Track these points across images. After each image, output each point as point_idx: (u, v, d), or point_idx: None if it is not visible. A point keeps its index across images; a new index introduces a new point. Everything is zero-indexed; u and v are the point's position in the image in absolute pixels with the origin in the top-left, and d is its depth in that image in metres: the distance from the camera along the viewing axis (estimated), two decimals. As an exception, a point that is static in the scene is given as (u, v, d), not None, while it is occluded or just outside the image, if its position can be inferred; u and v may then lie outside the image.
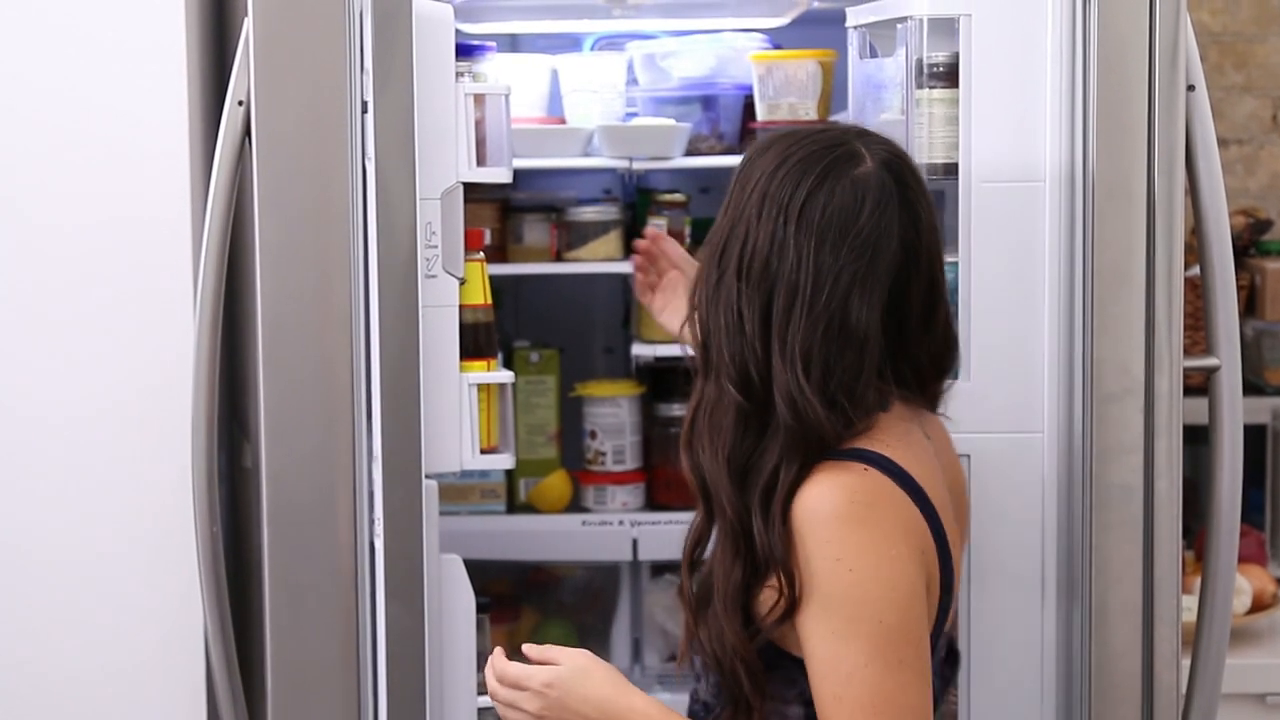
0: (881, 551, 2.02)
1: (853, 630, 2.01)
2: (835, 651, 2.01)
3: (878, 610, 2.01)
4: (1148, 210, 2.39)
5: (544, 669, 2.15)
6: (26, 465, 2.55)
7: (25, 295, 2.55)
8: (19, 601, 2.57)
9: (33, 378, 2.55)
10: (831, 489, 2.04)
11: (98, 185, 2.55)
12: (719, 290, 2.10)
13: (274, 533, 2.33)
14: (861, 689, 2.00)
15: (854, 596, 2.01)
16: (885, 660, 2.00)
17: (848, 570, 2.01)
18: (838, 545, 2.01)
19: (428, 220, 2.38)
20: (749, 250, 2.07)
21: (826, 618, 2.02)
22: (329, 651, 2.33)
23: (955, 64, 2.48)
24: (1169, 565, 2.42)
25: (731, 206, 2.12)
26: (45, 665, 2.57)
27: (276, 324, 2.32)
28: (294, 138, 2.32)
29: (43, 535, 2.56)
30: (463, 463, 2.44)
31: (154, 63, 2.53)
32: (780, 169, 2.09)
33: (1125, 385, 2.40)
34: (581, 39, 3.38)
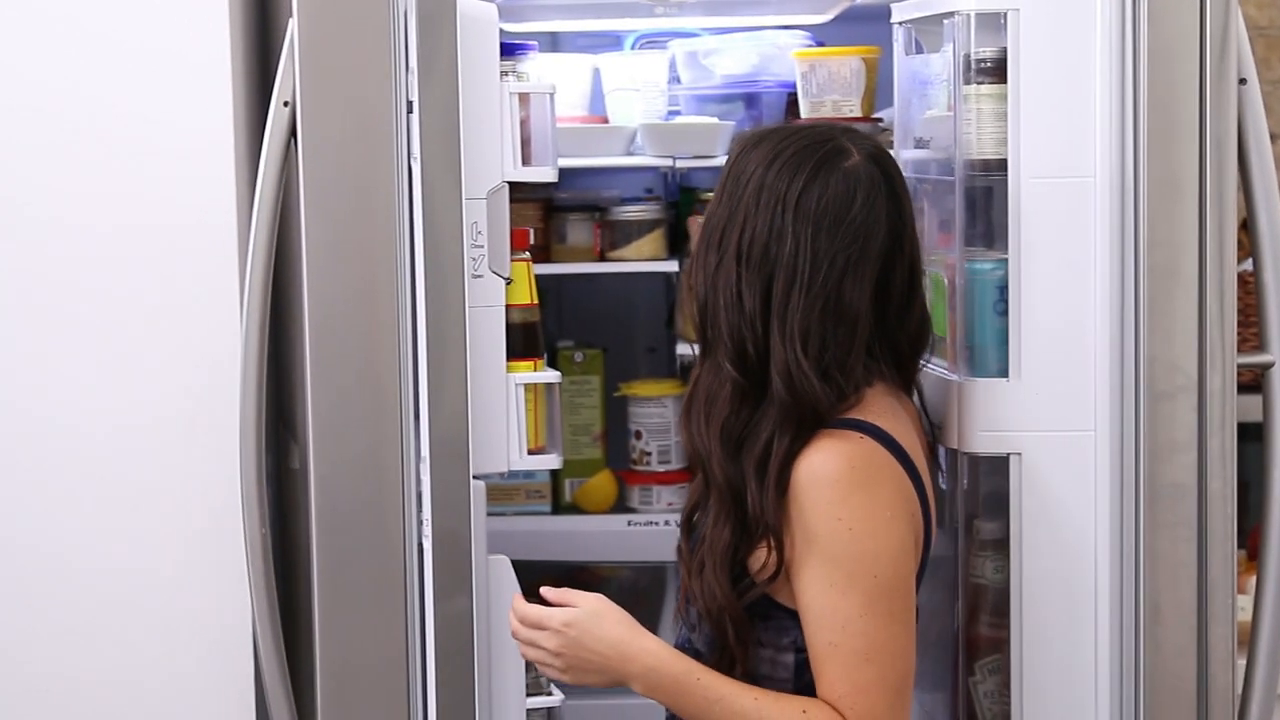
0: (878, 513, 2.21)
1: (850, 584, 2.19)
2: (832, 603, 2.19)
3: (874, 566, 2.19)
4: (1199, 205, 2.38)
5: (562, 610, 2.26)
6: (75, 472, 2.56)
7: (72, 302, 2.55)
8: (66, 610, 2.57)
9: (81, 384, 2.55)
10: (833, 455, 2.21)
11: (143, 190, 2.55)
12: (718, 273, 2.27)
13: (322, 534, 2.33)
14: (856, 637, 2.18)
15: (853, 553, 2.19)
16: (877, 611, 2.19)
17: (848, 529, 2.19)
18: (839, 506, 2.20)
19: (473, 220, 2.37)
20: (748, 237, 2.25)
21: (826, 572, 2.19)
22: (378, 653, 2.33)
23: (1003, 59, 2.46)
24: (1223, 564, 2.40)
25: (727, 196, 2.29)
26: (96, 668, 2.58)
27: (324, 325, 2.32)
28: (340, 138, 2.32)
29: (89, 542, 2.57)
30: (510, 463, 2.43)
31: (198, 65, 2.53)
32: (775, 162, 2.27)
33: (1178, 383, 2.38)
34: (623, 37, 3.37)
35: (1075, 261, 2.44)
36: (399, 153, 2.32)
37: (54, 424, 2.55)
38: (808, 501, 2.20)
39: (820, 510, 2.20)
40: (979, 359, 2.51)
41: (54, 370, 2.54)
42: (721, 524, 2.26)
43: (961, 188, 2.53)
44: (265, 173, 2.36)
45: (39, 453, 2.55)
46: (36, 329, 2.54)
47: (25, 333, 2.54)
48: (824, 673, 2.21)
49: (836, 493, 2.20)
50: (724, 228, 2.27)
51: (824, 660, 2.20)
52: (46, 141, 2.53)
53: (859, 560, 2.19)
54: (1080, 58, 2.42)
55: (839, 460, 2.21)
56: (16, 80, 2.53)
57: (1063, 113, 2.43)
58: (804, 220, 2.24)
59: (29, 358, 2.54)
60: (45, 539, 2.55)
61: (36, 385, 2.54)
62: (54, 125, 2.53)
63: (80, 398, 2.55)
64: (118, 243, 2.55)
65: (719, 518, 2.27)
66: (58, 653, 2.56)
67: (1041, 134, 2.43)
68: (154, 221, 2.55)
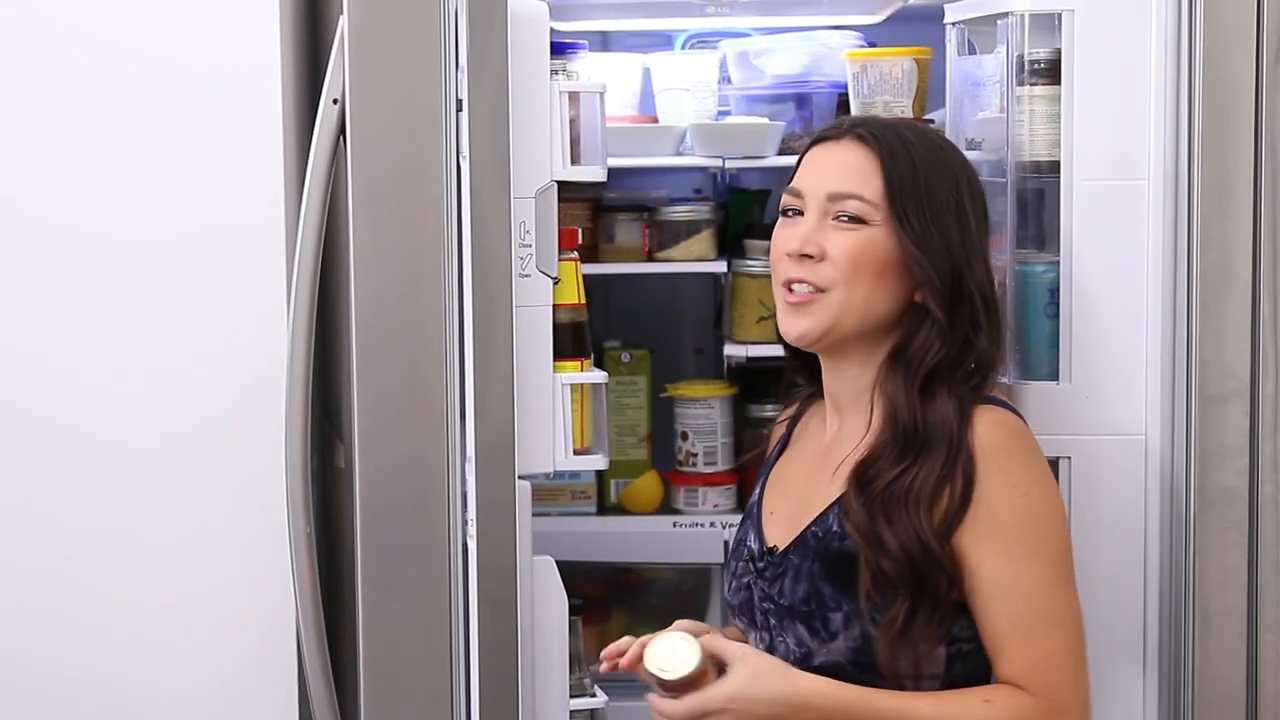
0: (1045, 479, 2.26)
1: (1030, 551, 2.22)
2: (1014, 572, 2.21)
3: (1049, 533, 2.23)
4: (1253, 207, 2.36)
5: (720, 687, 2.21)
6: (122, 475, 2.55)
7: (122, 306, 2.54)
8: (114, 612, 2.57)
9: (129, 387, 2.54)
10: (997, 424, 2.25)
11: (191, 190, 2.54)
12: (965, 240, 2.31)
13: (367, 533, 2.33)
14: (1041, 605, 2.21)
15: (1029, 520, 2.22)
16: (1056, 577, 2.23)
17: (1023, 495, 2.22)
18: (1013, 473, 2.23)
19: (521, 219, 2.37)
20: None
21: (1004, 542, 2.21)
22: (421, 652, 2.33)
23: (1056, 60, 2.45)
24: (1274, 570, 2.39)
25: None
26: (141, 668, 2.57)
27: (370, 324, 2.32)
28: (389, 136, 2.32)
29: (136, 544, 2.56)
30: (555, 463, 2.43)
31: (248, 63, 2.52)
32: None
33: (1230, 387, 2.37)
34: (673, 37, 3.37)
35: (1127, 264, 2.43)
36: (448, 151, 2.32)
37: (101, 427, 2.55)
38: (982, 471, 2.22)
39: (993, 479, 2.22)
40: (1030, 362, 2.50)
41: (102, 374, 2.54)
42: (928, 473, 2.23)
43: (1013, 189, 2.52)
44: (314, 170, 2.37)
45: (88, 457, 2.55)
46: (87, 334, 2.54)
47: (76, 338, 2.54)
48: (1008, 647, 2.21)
49: (1007, 460, 2.23)
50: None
51: (1008, 634, 2.21)
52: (99, 144, 2.53)
53: (1036, 527, 2.22)
54: (1134, 59, 2.42)
55: (1003, 429, 2.25)
56: (65, 81, 2.54)
57: (1116, 114, 2.42)
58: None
59: (79, 363, 2.54)
60: (93, 543, 2.55)
61: (85, 389, 2.54)
62: (105, 128, 2.53)
63: (128, 400, 2.55)
64: (167, 245, 2.54)
65: (925, 468, 2.24)
66: (104, 655, 2.56)
67: (1094, 136, 2.43)
68: (203, 221, 2.54)
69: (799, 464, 2.44)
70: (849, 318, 2.30)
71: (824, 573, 2.28)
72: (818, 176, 2.34)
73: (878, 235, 2.29)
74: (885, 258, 2.28)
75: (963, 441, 2.23)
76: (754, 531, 2.42)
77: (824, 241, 2.30)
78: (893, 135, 2.32)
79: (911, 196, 2.28)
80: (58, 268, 2.53)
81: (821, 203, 2.31)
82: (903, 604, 2.22)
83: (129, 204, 2.53)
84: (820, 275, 2.30)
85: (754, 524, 2.43)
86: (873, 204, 2.29)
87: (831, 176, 2.32)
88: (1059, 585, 2.23)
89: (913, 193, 2.28)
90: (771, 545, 2.37)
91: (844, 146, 2.33)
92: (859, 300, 2.29)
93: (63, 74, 2.51)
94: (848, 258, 2.28)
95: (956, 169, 2.32)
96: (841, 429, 2.37)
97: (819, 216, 2.32)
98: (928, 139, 2.35)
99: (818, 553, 2.30)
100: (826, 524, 2.30)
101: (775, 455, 2.50)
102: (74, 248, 2.53)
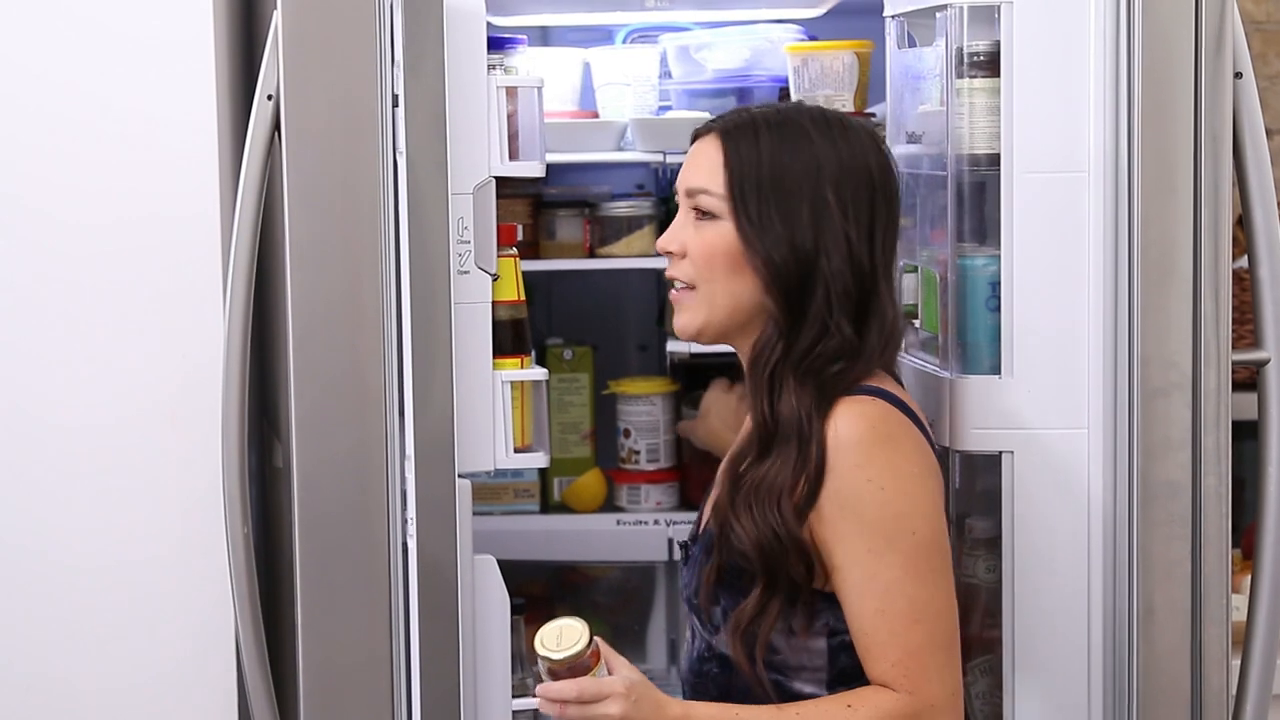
0: (905, 470, 2.24)
1: (888, 545, 2.21)
2: (873, 568, 2.21)
3: (909, 524, 2.22)
4: (1193, 201, 2.38)
5: (621, 677, 2.23)
6: (54, 469, 2.55)
7: (50, 296, 2.54)
8: (47, 607, 2.56)
9: (59, 380, 2.54)
10: (856, 415, 2.25)
11: (124, 182, 2.54)
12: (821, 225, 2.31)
13: (305, 533, 2.33)
14: (902, 600, 2.21)
15: (888, 513, 2.22)
16: (919, 570, 2.22)
17: (879, 489, 2.22)
18: (868, 468, 2.22)
19: (460, 215, 2.37)
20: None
21: (863, 537, 2.22)
22: (361, 653, 2.33)
23: (996, 53, 2.46)
24: (1217, 564, 2.40)
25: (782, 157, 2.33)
26: (74, 671, 2.57)
27: (307, 321, 2.32)
28: (324, 132, 2.32)
29: (70, 539, 2.56)
30: (496, 461, 2.43)
31: (181, 56, 2.52)
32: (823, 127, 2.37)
33: (1172, 380, 2.39)
34: (614, 31, 3.37)
35: (1068, 257, 2.44)
36: (384, 147, 2.32)
37: (28, 419, 2.54)
38: (839, 466, 2.23)
39: (850, 474, 2.22)
40: (971, 356, 2.51)
41: (29, 365, 2.53)
42: (782, 465, 2.25)
43: (954, 183, 2.53)
44: (248, 167, 2.36)
45: (14, 450, 2.54)
46: (10, 321, 2.53)
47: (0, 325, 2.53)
48: (871, 644, 2.22)
49: (862, 454, 2.23)
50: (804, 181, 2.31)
51: (871, 630, 2.22)
52: (23, 131, 2.52)
53: (895, 520, 2.22)
54: (1074, 51, 2.43)
55: (860, 422, 2.24)
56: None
57: (1056, 107, 2.43)
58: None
59: (3, 351, 2.53)
60: (20, 536, 2.55)
61: (10, 379, 2.53)
62: (31, 114, 2.53)
63: (57, 395, 2.54)
64: (97, 237, 2.54)
65: (780, 460, 2.26)
66: (37, 652, 2.55)
67: (1034, 128, 2.44)
68: (134, 215, 2.54)
69: (726, 454, 2.46)
70: (717, 313, 2.34)
71: (707, 565, 2.33)
72: (683, 172, 2.40)
73: (725, 229, 2.32)
74: (734, 251, 2.31)
75: (814, 433, 2.24)
76: (696, 524, 2.47)
77: (684, 238, 2.36)
78: (748, 126, 2.34)
79: (754, 187, 2.30)
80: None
81: (684, 198, 2.38)
82: (756, 595, 2.25)
83: (59, 185, 2.53)
84: (684, 272, 2.37)
85: (699, 515, 2.47)
86: (719, 196, 2.32)
87: (689, 172, 2.38)
88: (921, 579, 2.22)
89: (755, 183, 2.30)
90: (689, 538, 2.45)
91: (706, 141, 2.37)
92: (721, 294, 2.33)
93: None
94: (700, 254, 2.34)
95: (820, 151, 2.31)
96: (744, 419, 2.41)
97: (684, 212, 2.38)
98: (792, 126, 2.33)
99: (704, 547, 2.35)
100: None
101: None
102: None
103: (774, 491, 2.24)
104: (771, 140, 2.31)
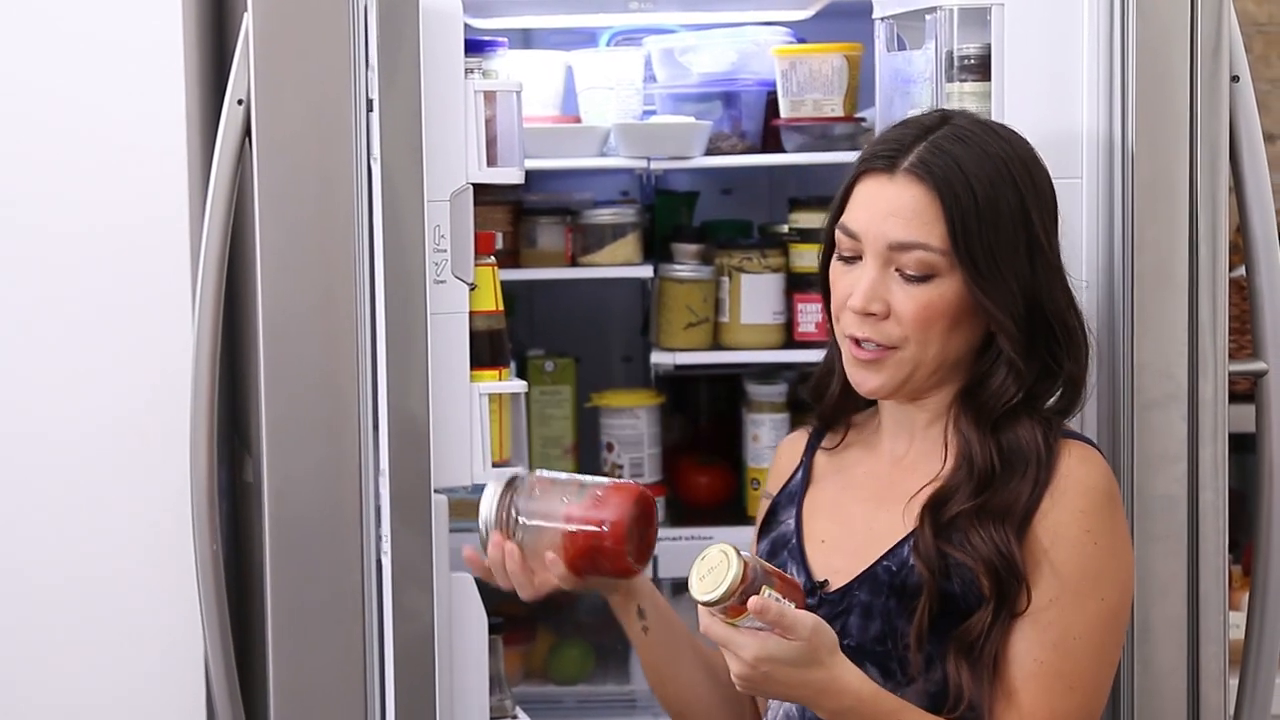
0: (1119, 534, 2.19)
1: (1075, 601, 2.14)
2: (1050, 618, 2.13)
3: (1103, 588, 2.15)
4: (1190, 208, 2.38)
5: (754, 641, 2.04)
6: (18, 481, 2.55)
7: (15, 303, 2.54)
8: (13, 622, 2.56)
9: (23, 389, 2.54)
10: (1093, 462, 2.20)
11: (92, 188, 2.54)
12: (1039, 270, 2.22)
13: (276, 550, 2.32)
14: (1067, 662, 2.13)
15: (1088, 568, 2.15)
16: (1094, 639, 2.14)
17: (1092, 542, 2.15)
18: (1091, 516, 2.16)
19: (436, 223, 2.37)
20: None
21: (1053, 582, 2.14)
22: (334, 674, 2.32)
23: (987, 56, 2.46)
24: (1214, 580, 2.40)
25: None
26: (40, 690, 2.56)
27: (279, 332, 2.31)
28: (296, 138, 2.31)
29: (35, 555, 2.56)
30: (474, 476, 2.42)
31: (150, 60, 2.52)
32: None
33: (1168, 391, 2.38)
34: (597, 34, 3.37)
35: (1062, 266, 2.43)
36: (358, 153, 2.32)
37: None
38: (1061, 502, 2.15)
39: (1069, 515, 2.15)
40: (965, 366, 2.50)
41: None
42: (1018, 486, 2.16)
43: (945, 189, 2.52)
44: (218, 174, 2.36)
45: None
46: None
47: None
48: (1020, 690, 2.13)
49: (1089, 501, 2.16)
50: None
51: (1024, 678, 2.13)
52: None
53: (1093, 579, 2.14)
54: (1066, 54, 2.43)
55: (1097, 470, 2.19)
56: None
57: (1048, 112, 2.43)
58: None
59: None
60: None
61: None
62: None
63: (22, 405, 2.54)
64: (63, 243, 2.54)
65: (1016, 482, 2.17)
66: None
67: (1027, 133, 2.41)
68: (102, 222, 2.54)
69: (850, 492, 2.34)
70: (923, 370, 2.22)
71: (901, 610, 2.20)
72: (874, 220, 2.20)
73: (947, 288, 2.18)
74: (957, 308, 2.19)
75: (1049, 463, 2.17)
76: (798, 564, 2.30)
77: (889, 297, 2.19)
78: (949, 163, 2.17)
79: (977, 236, 2.16)
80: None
81: (882, 251, 2.19)
82: (981, 617, 2.14)
83: (23, 190, 2.53)
84: (888, 334, 2.20)
85: (796, 556, 2.31)
86: (939, 251, 2.17)
87: (891, 223, 2.18)
88: (1093, 649, 2.14)
89: (978, 231, 2.16)
90: (822, 579, 2.27)
91: (899, 185, 2.19)
92: (933, 354, 2.21)
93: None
94: (917, 318, 2.18)
95: (1018, 178, 2.20)
96: (907, 457, 2.30)
97: (880, 266, 2.19)
98: (980, 151, 2.20)
99: (892, 588, 2.21)
100: (901, 558, 2.21)
101: (799, 486, 2.39)
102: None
103: (1002, 516, 2.16)
104: (978, 175, 2.18)
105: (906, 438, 2.30)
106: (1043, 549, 2.14)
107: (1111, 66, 2.39)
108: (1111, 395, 2.42)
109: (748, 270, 3.20)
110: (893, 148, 2.21)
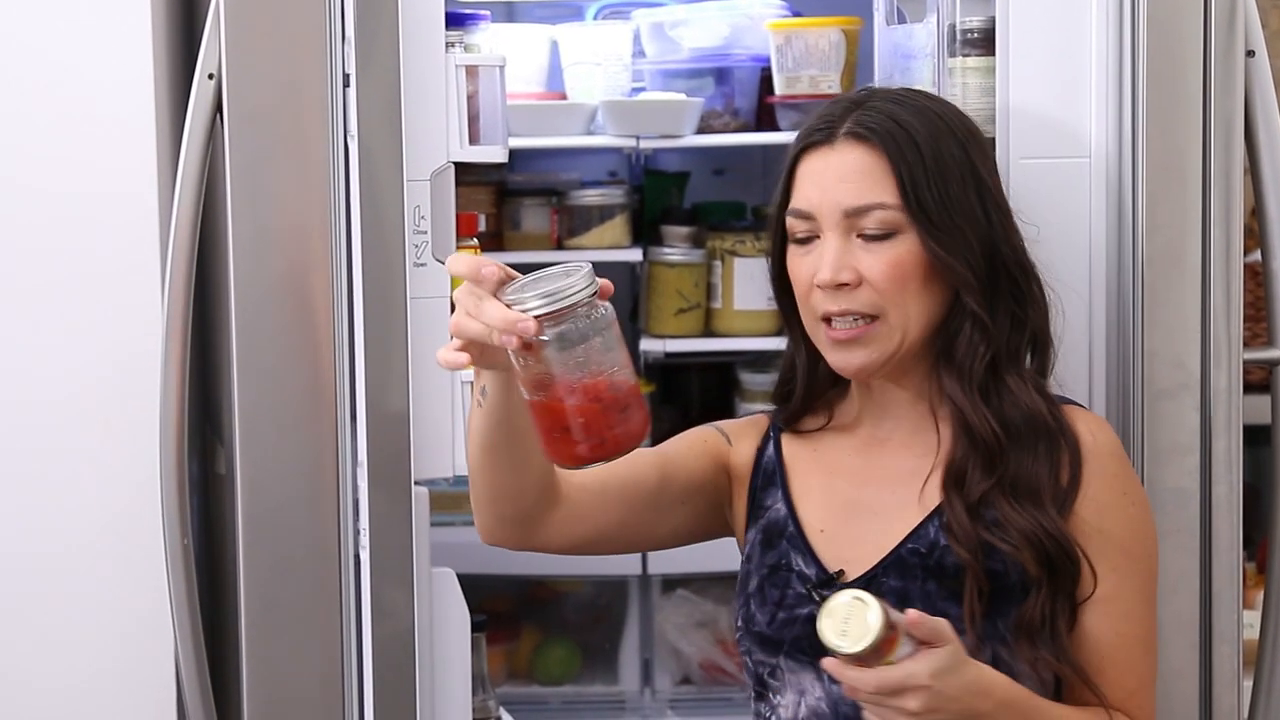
0: (1139, 484, 2.27)
1: (1131, 566, 2.20)
2: (1116, 587, 2.18)
3: (1147, 547, 2.22)
4: (1203, 189, 2.38)
5: (926, 659, 2.00)
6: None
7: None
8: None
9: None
10: (1102, 427, 2.25)
11: (54, 165, 2.53)
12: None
13: (250, 545, 2.32)
14: (1140, 627, 2.20)
15: (1135, 533, 2.21)
16: (1149, 598, 2.22)
17: (1131, 505, 2.21)
18: (1123, 480, 2.22)
19: (416, 203, 2.36)
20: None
21: (1109, 554, 2.18)
22: (310, 673, 2.32)
23: (991, 29, 2.46)
24: (1228, 577, 2.40)
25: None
26: (2, 688, 2.56)
27: (252, 317, 2.31)
28: (269, 114, 2.31)
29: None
30: (455, 468, 2.42)
31: (117, 31, 2.51)
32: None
33: (1180, 380, 2.38)
34: (584, 7, 3.37)
35: (1069, 249, 2.43)
36: (334, 130, 2.31)
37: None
38: (1095, 472, 2.19)
39: (1106, 484, 2.20)
40: (967, 352, 2.50)
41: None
42: (1034, 461, 2.17)
43: (947, 169, 2.52)
44: (188, 150, 2.35)
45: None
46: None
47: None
48: (1108, 667, 2.18)
49: (1116, 465, 2.21)
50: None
51: (1108, 653, 2.18)
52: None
53: (1138, 541, 2.21)
54: (1074, 28, 2.42)
55: (1106, 431, 2.24)
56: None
57: (1055, 87, 2.43)
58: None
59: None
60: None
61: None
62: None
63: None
64: (26, 222, 2.53)
65: (1030, 457, 2.17)
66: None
67: (1031, 111, 2.43)
68: (66, 199, 2.54)
69: (839, 479, 2.31)
70: (912, 335, 2.21)
71: (943, 592, 2.18)
72: (825, 190, 2.20)
73: (909, 242, 2.18)
74: (926, 264, 2.18)
75: (1064, 429, 2.20)
76: (803, 555, 2.27)
77: (856, 264, 2.18)
78: (886, 121, 2.19)
79: (927, 188, 2.17)
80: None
81: (840, 221, 2.19)
82: (1039, 600, 2.15)
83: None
84: (864, 302, 2.19)
85: (800, 546, 2.28)
86: (894, 208, 2.17)
87: (842, 189, 2.19)
88: (1150, 607, 2.21)
89: (927, 183, 2.17)
90: (837, 569, 2.24)
91: (842, 151, 2.19)
92: (914, 317, 2.20)
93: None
94: (887, 277, 2.18)
95: (954, 127, 2.22)
96: (893, 438, 2.29)
97: (840, 236, 2.19)
98: (914, 107, 2.22)
99: (927, 570, 2.19)
100: (928, 539, 2.20)
101: (774, 466, 2.35)
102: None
103: (1033, 489, 2.17)
104: (919, 128, 2.19)
105: (890, 420, 2.29)
106: (1094, 527, 2.18)
107: (1121, 40, 2.39)
108: (1121, 384, 2.42)
109: (741, 254, 3.20)
110: (826, 121, 2.23)
